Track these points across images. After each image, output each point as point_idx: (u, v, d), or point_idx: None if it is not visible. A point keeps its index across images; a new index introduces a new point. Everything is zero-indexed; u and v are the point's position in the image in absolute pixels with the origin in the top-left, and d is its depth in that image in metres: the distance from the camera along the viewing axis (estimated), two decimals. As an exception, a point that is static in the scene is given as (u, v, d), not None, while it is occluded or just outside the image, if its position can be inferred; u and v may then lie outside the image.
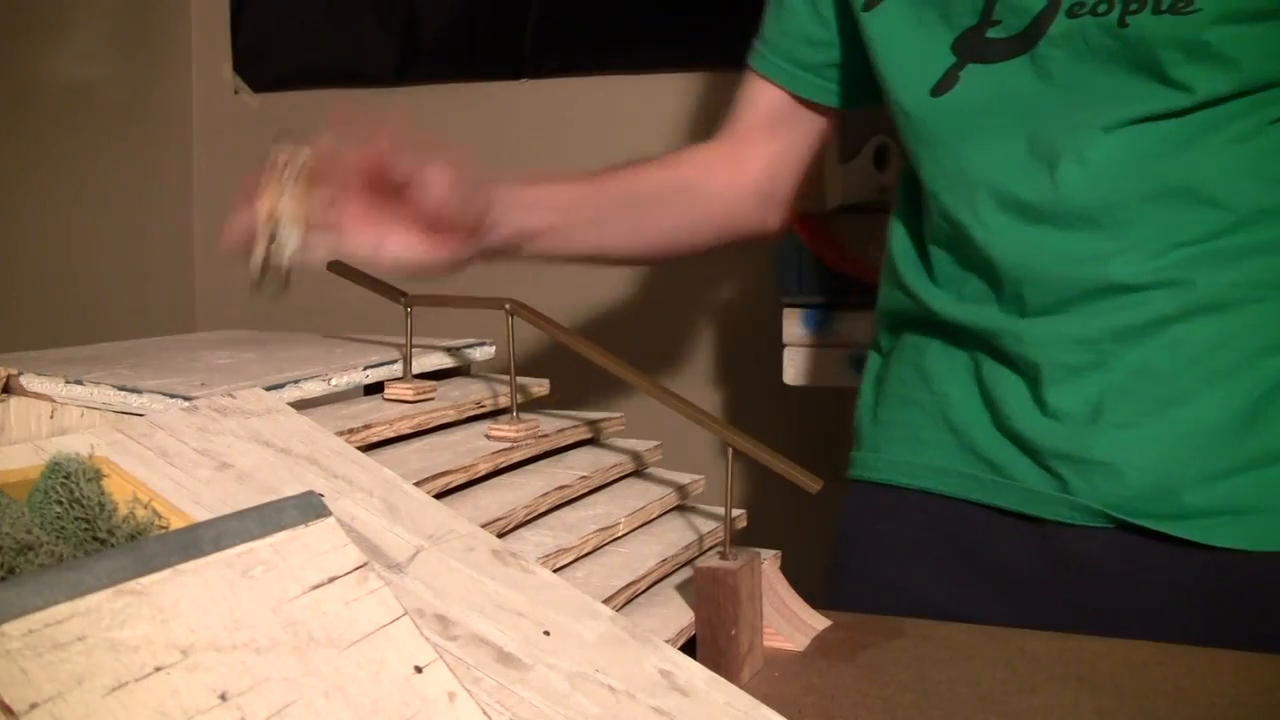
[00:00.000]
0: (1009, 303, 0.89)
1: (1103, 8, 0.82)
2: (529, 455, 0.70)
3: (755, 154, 1.08)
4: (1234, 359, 0.84)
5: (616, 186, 1.04)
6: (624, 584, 0.62)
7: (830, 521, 1.95)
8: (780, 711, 0.47)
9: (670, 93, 2.03)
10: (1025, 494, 0.90)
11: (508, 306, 0.69)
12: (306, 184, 0.75)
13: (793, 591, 0.72)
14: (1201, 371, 0.85)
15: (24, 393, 0.62)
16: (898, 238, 1.00)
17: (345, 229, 0.81)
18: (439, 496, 0.59)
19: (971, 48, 0.89)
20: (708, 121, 2.00)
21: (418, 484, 0.58)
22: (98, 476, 0.43)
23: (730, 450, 0.63)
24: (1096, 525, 0.87)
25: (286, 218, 0.74)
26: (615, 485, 0.74)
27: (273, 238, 0.74)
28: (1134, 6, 0.80)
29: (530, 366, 0.74)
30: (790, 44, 1.04)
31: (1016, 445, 0.90)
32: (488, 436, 0.69)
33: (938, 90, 0.90)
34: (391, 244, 0.83)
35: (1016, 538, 0.91)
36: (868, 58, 0.96)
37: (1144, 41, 0.81)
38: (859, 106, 1.05)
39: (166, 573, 0.37)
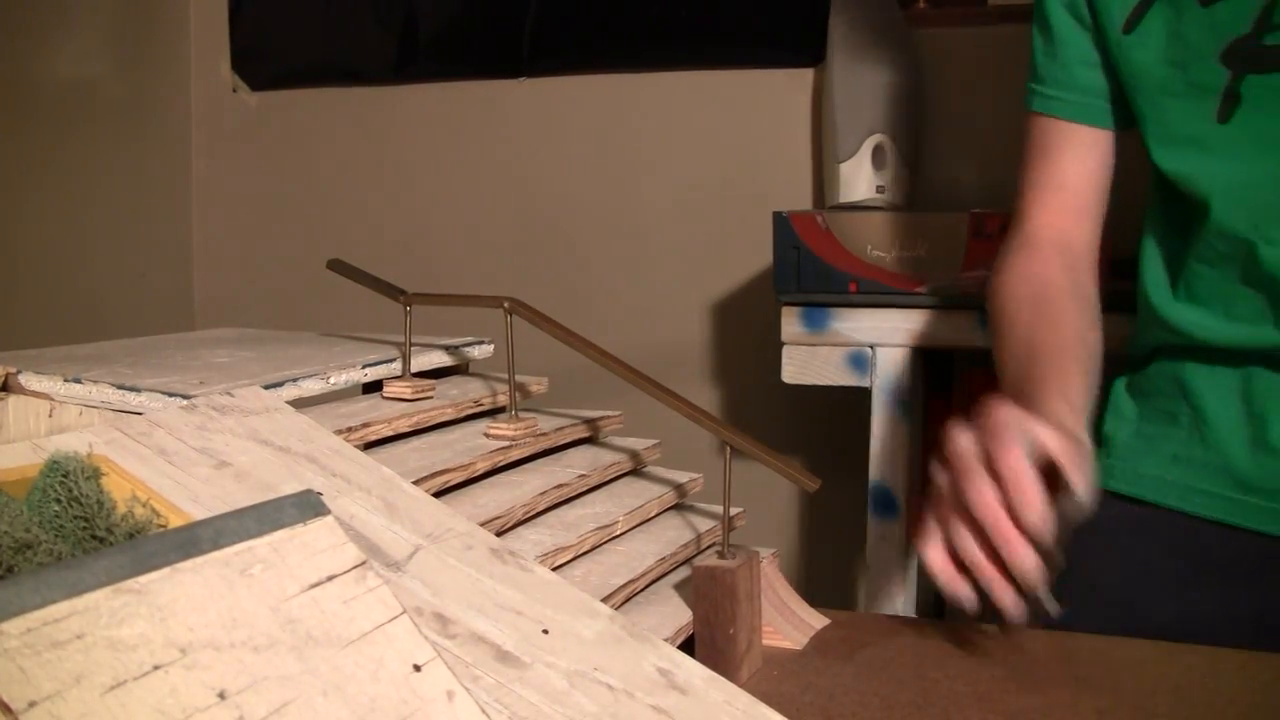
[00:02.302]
0: None
1: None
2: (527, 454, 0.70)
3: (1084, 221, 0.98)
4: None
5: (1088, 360, 0.90)
6: (622, 582, 0.62)
7: (828, 519, 1.95)
8: (779, 710, 0.47)
9: (668, 91, 2.03)
10: None
11: (506, 305, 0.69)
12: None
13: (791, 590, 0.72)
14: None
15: (23, 391, 0.62)
16: (1149, 265, 0.94)
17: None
18: (437, 495, 0.59)
19: (1245, 58, 0.83)
20: (705, 120, 2.01)
21: (416, 482, 0.57)
22: (96, 475, 0.43)
23: (728, 449, 0.63)
24: None
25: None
26: (614, 484, 0.74)
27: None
28: None
29: (529, 365, 0.74)
30: (1072, 73, 0.96)
31: None
32: (486, 435, 0.69)
33: (1224, 115, 0.85)
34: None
35: (1269, 557, 0.87)
36: (1121, 82, 0.91)
37: None
38: (1133, 129, 0.96)
39: (165, 571, 0.37)
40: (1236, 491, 0.90)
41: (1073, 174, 0.97)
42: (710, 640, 0.62)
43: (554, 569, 0.60)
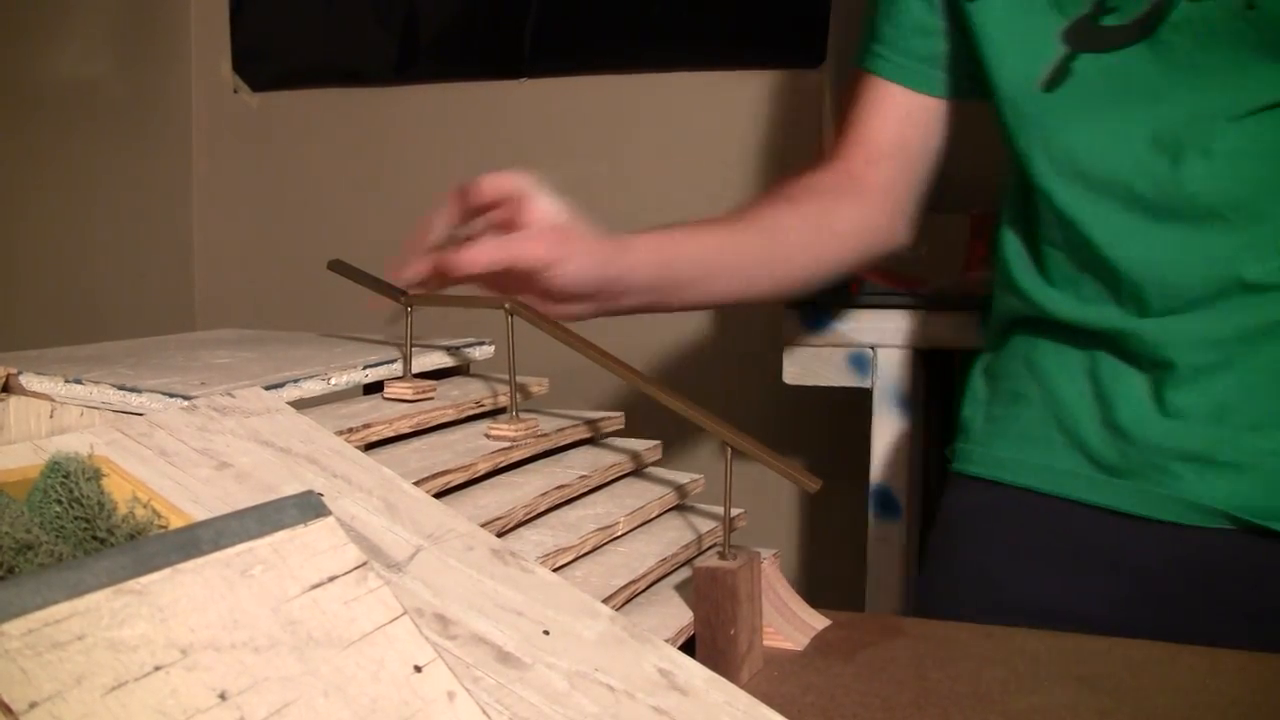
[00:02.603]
0: (1129, 302, 0.87)
1: None
2: (528, 454, 0.70)
3: (879, 170, 1.03)
4: None
5: (752, 235, 0.99)
6: (623, 583, 0.62)
7: (829, 520, 1.95)
8: (780, 711, 0.47)
9: (669, 92, 2.03)
10: (1139, 494, 0.88)
11: (507, 306, 0.69)
12: None
13: (792, 591, 0.72)
14: None
15: (23, 392, 0.62)
16: (1008, 240, 0.97)
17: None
18: (438, 496, 0.59)
19: (1083, 36, 0.85)
20: (706, 121, 2.01)
21: (417, 483, 0.57)
22: (97, 476, 0.43)
23: (729, 450, 0.63)
24: (1215, 526, 0.85)
25: None
26: (614, 484, 0.74)
27: None
28: None
29: (530, 366, 0.74)
30: (903, 37, 1.00)
31: (1130, 445, 0.88)
32: (487, 436, 0.69)
33: (1050, 84, 0.87)
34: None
35: (1130, 538, 0.89)
36: (971, 48, 0.93)
37: (1274, 22, 0.77)
38: (971, 99, 1.00)
39: (166, 572, 0.37)
40: (1091, 470, 0.91)
41: (878, 128, 1.02)
42: (711, 641, 0.62)
43: (555, 570, 0.60)
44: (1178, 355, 0.85)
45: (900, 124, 1.02)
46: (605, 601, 0.56)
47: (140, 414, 0.57)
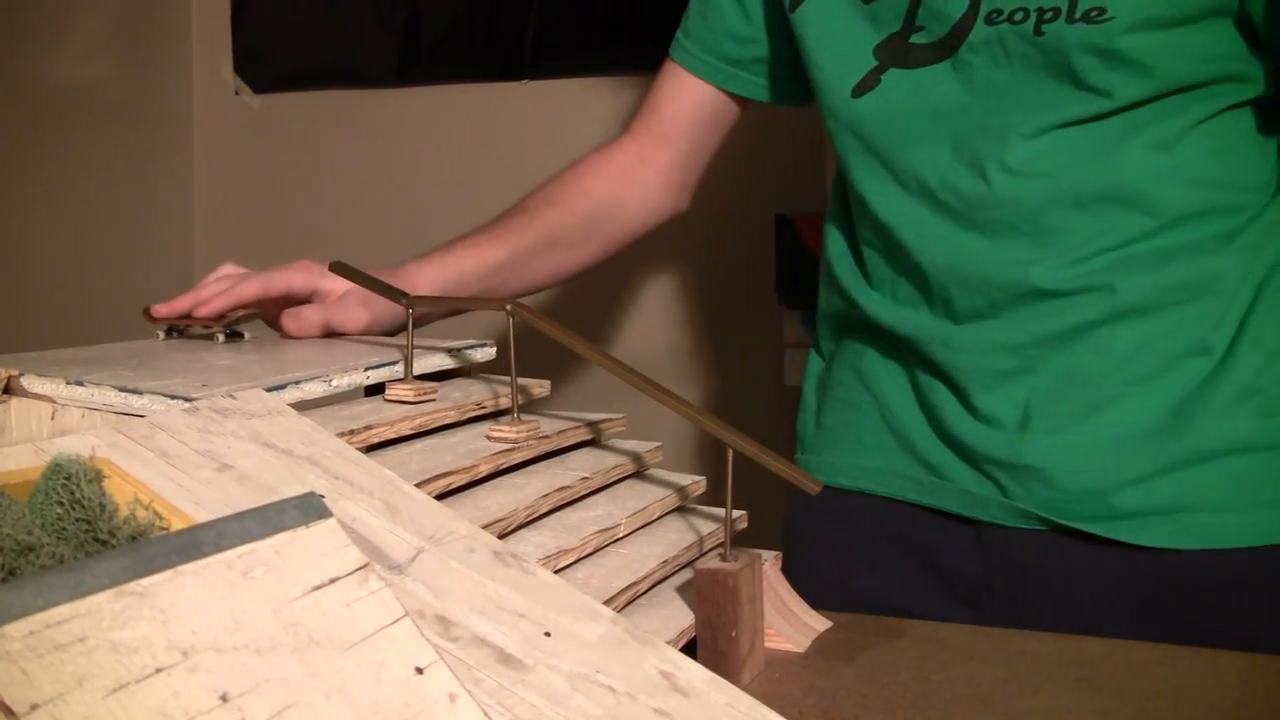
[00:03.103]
0: (938, 307, 0.90)
1: (1019, 16, 0.82)
2: (530, 456, 0.70)
3: (669, 150, 1.10)
4: (1157, 362, 0.85)
5: (535, 234, 1.05)
6: (625, 585, 0.62)
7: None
8: (781, 712, 0.47)
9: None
10: (962, 496, 0.91)
11: (508, 308, 0.69)
12: None
13: (793, 592, 0.72)
14: (1126, 375, 0.86)
15: (25, 394, 0.62)
16: (833, 240, 1.01)
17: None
18: (440, 497, 0.59)
19: (893, 52, 0.89)
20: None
21: (418, 485, 0.58)
22: (99, 478, 0.43)
23: (730, 452, 0.63)
24: (1031, 527, 0.88)
25: None
26: (616, 486, 0.74)
27: None
28: (1049, 15, 0.81)
29: (531, 367, 0.74)
30: (715, 39, 1.05)
31: (953, 449, 0.91)
32: (488, 437, 0.69)
33: (857, 91, 0.91)
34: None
35: (956, 538, 0.92)
36: (797, 55, 0.97)
37: (1060, 49, 0.82)
38: (793, 104, 1.06)
39: (167, 574, 0.37)
40: (922, 472, 0.94)
41: (675, 115, 1.09)
42: (712, 643, 0.62)
43: (556, 571, 0.60)
44: (981, 361, 0.89)
45: (698, 114, 1.09)
46: (606, 603, 0.56)
47: (142, 416, 0.57)
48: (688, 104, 1.08)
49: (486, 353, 0.81)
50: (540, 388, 0.78)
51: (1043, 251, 0.85)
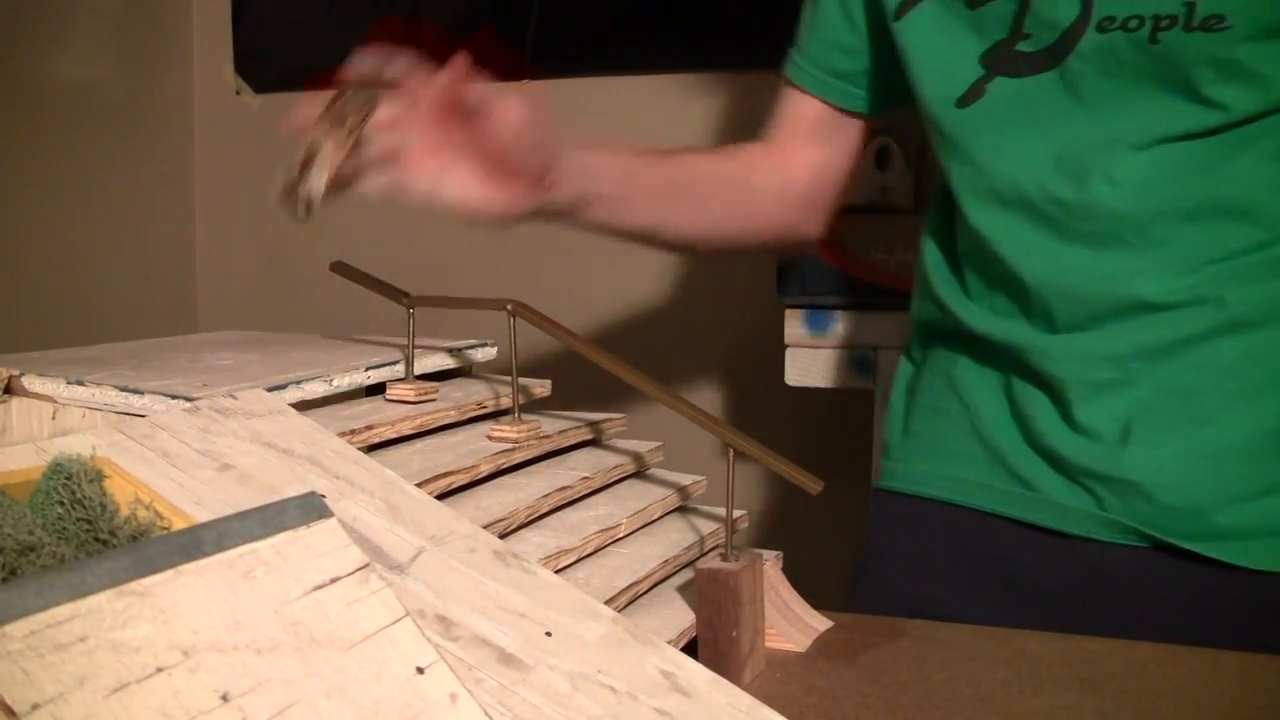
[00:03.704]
0: (1038, 318, 0.88)
1: (1133, 23, 0.80)
2: (531, 456, 0.70)
3: (798, 161, 1.07)
4: (1264, 377, 0.83)
5: (674, 167, 1.04)
6: (625, 585, 0.62)
7: (831, 522, 1.95)
8: (782, 712, 0.47)
9: (671, 93, 2.03)
10: (1055, 509, 0.89)
11: (509, 307, 0.69)
12: (359, 132, 0.75)
13: (794, 592, 0.72)
14: (1231, 390, 0.83)
15: (26, 394, 0.62)
16: (930, 250, 0.99)
17: (406, 161, 0.82)
18: (441, 497, 0.59)
19: (1000, 61, 0.87)
20: (708, 122, 2.01)
21: (419, 485, 0.58)
22: (99, 477, 0.43)
23: (731, 451, 0.63)
24: (1128, 543, 0.86)
25: (322, 158, 0.74)
26: (617, 486, 0.74)
27: (304, 169, 0.74)
28: (1165, 23, 0.79)
29: (532, 367, 0.74)
30: (824, 52, 1.03)
31: (1047, 461, 0.89)
32: (489, 437, 0.69)
33: (964, 101, 0.89)
34: (452, 180, 0.84)
35: (1045, 553, 0.90)
36: (900, 65, 0.95)
37: (1175, 59, 0.79)
38: (890, 112, 1.04)
39: (168, 573, 0.37)
40: (1010, 484, 0.92)
41: (791, 123, 1.07)
42: (713, 643, 0.62)
43: (557, 571, 0.60)
44: (1082, 372, 0.87)
45: (813, 130, 1.07)
46: (607, 603, 0.56)
47: (142, 415, 0.57)
48: (804, 120, 1.06)
49: (487, 352, 0.81)
50: (541, 388, 0.78)
51: (1148, 263, 0.84)
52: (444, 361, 0.77)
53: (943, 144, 0.93)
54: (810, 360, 1.52)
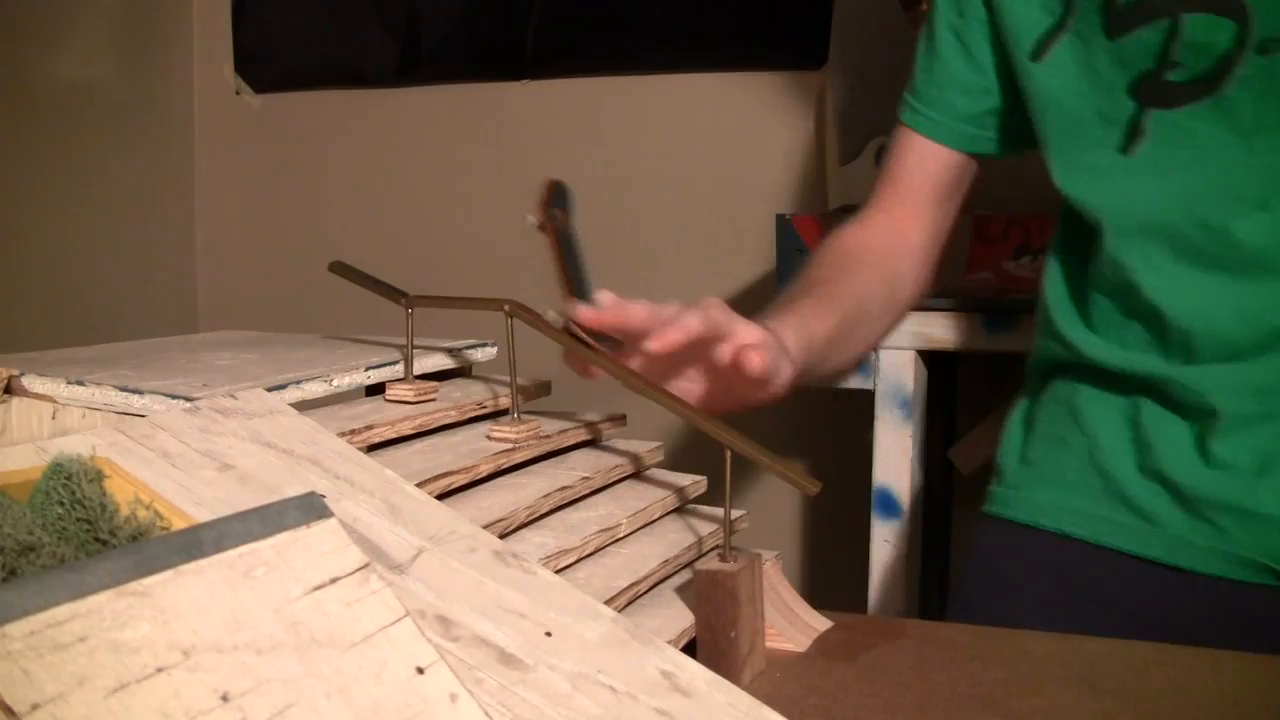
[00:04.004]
0: (1175, 350, 0.86)
1: None
2: (530, 456, 0.70)
3: (918, 221, 1.03)
4: None
5: (851, 303, 0.96)
6: (625, 585, 0.62)
7: (832, 523, 1.95)
8: (782, 712, 0.47)
9: (671, 93, 2.03)
10: (1175, 543, 0.87)
11: (508, 308, 0.69)
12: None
13: (794, 592, 0.72)
14: None
15: (26, 393, 0.62)
16: (1052, 283, 0.96)
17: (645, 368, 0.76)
18: (441, 497, 0.59)
19: (1152, 93, 0.84)
20: (707, 122, 2.01)
21: (419, 485, 0.58)
22: (99, 477, 0.43)
23: (730, 452, 0.63)
24: (1259, 581, 0.84)
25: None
26: (616, 486, 0.74)
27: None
28: None
29: (531, 367, 0.74)
30: (947, 95, 0.99)
31: (1171, 494, 0.87)
32: (489, 437, 0.69)
33: (1129, 146, 0.86)
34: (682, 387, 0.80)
35: (1165, 589, 0.87)
36: (1026, 106, 0.91)
37: None
38: (1017, 154, 1.00)
39: (168, 573, 0.37)
40: (1131, 518, 0.89)
41: (918, 181, 1.02)
42: (712, 643, 0.62)
43: (557, 571, 0.60)
44: (1223, 404, 0.84)
45: (940, 179, 1.02)
46: (607, 603, 0.56)
47: (142, 415, 0.57)
48: (929, 171, 1.02)
49: (487, 352, 0.81)
50: (540, 388, 0.78)
51: None
52: (443, 361, 0.77)
53: (1090, 182, 0.89)
54: (810, 360, 1.51)
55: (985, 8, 0.95)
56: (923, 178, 1.02)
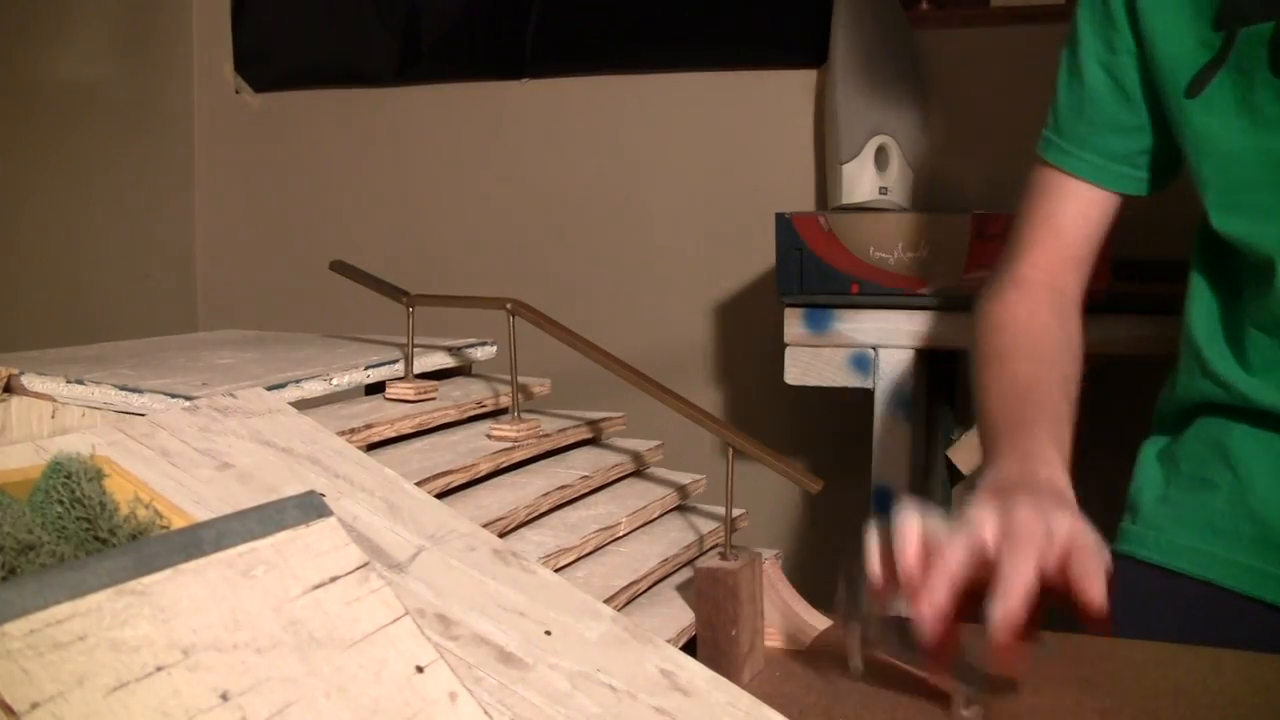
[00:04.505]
0: None
1: None
2: (530, 455, 0.70)
3: (1076, 274, 0.97)
4: None
5: (1071, 396, 0.90)
6: (625, 584, 0.62)
7: (831, 521, 1.95)
8: (781, 711, 0.47)
9: (671, 93, 2.03)
10: None
11: (509, 306, 0.69)
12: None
13: (794, 591, 0.72)
14: None
15: (25, 392, 0.62)
16: (1200, 320, 0.92)
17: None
18: (440, 496, 0.59)
19: None
20: (707, 121, 2.01)
21: (419, 484, 0.58)
22: (99, 476, 0.43)
23: (731, 450, 0.63)
24: None
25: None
26: (616, 485, 0.74)
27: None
28: None
29: (531, 366, 0.74)
30: (1098, 135, 0.95)
31: None
32: (489, 436, 0.69)
33: None
34: None
35: None
36: (1178, 143, 0.88)
37: None
38: (1163, 191, 0.96)
39: (168, 572, 0.37)
40: None
41: (1072, 227, 0.96)
42: (712, 641, 0.62)
43: (557, 570, 0.60)
44: None
45: (1101, 226, 0.97)
46: (607, 602, 0.56)
47: (142, 414, 0.57)
48: (1092, 219, 0.96)
49: (487, 351, 0.81)
50: (540, 386, 0.78)
51: None
52: (444, 360, 0.77)
53: (1253, 222, 0.86)
54: (810, 359, 1.52)
55: (1135, 41, 0.91)
56: (1086, 228, 0.97)
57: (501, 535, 0.60)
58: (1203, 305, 0.93)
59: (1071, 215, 0.96)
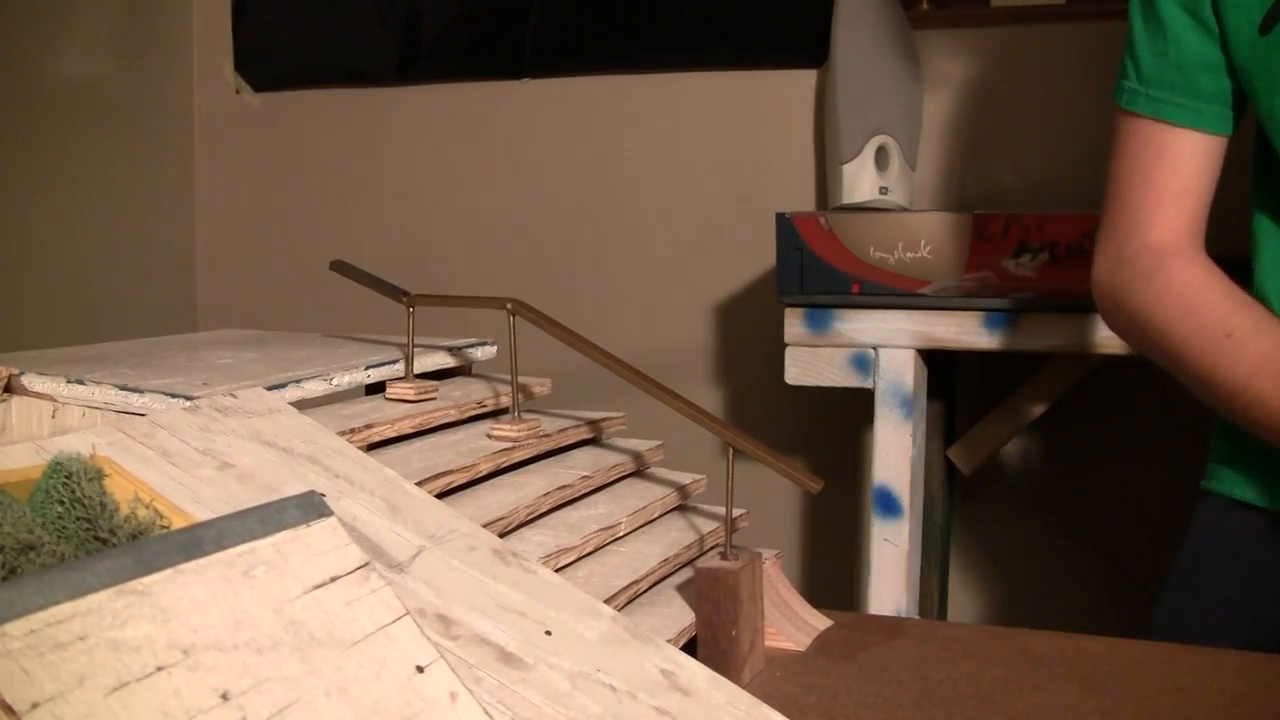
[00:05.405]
0: None
1: None
2: (530, 455, 0.70)
3: (1202, 229, 0.93)
4: None
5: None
6: (625, 583, 0.62)
7: (832, 522, 1.95)
8: (782, 711, 0.47)
9: (671, 93, 2.03)
10: None
11: (509, 306, 0.69)
12: None
13: (794, 591, 0.72)
14: None
15: (26, 392, 0.62)
16: (1273, 272, 0.89)
17: None
18: (441, 496, 0.59)
19: None
20: (707, 121, 2.01)
21: (419, 484, 0.58)
22: (99, 476, 0.43)
23: (731, 450, 0.63)
24: None
25: None
26: (617, 485, 0.74)
27: None
28: None
29: (531, 366, 0.74)
30: (1188, 76, 0.91)
31: None
32: (489, 436, 0.69)
33: None
34: None
35: None
36: (1244, 81, 0.86)
37: None
38: (1233, 132, 0.93)
39: (168, 572, 0.37)
40: None
41: (1194, 179, 0.92)
42: (713, 641, 0.62)
43: (557, 570, 0.60)
44: None
45: (1207, 171, 0.93)
46: (607, 602, 0.56)
47: (142, 414, 0.57)
48: (1212, 167, 0.91)
49: (487, 351, 0.81)
50: (541, 386, 0.78)
51: None
52: (444, 360, 0.77)
53: None
54: (810, 359, 1.52)
55: None
56: (1209, 177, 0.92)
57: (502, 535, 0.60)
58: (1271, 253, 0.90)
59: (1189, 166, 0.92)
